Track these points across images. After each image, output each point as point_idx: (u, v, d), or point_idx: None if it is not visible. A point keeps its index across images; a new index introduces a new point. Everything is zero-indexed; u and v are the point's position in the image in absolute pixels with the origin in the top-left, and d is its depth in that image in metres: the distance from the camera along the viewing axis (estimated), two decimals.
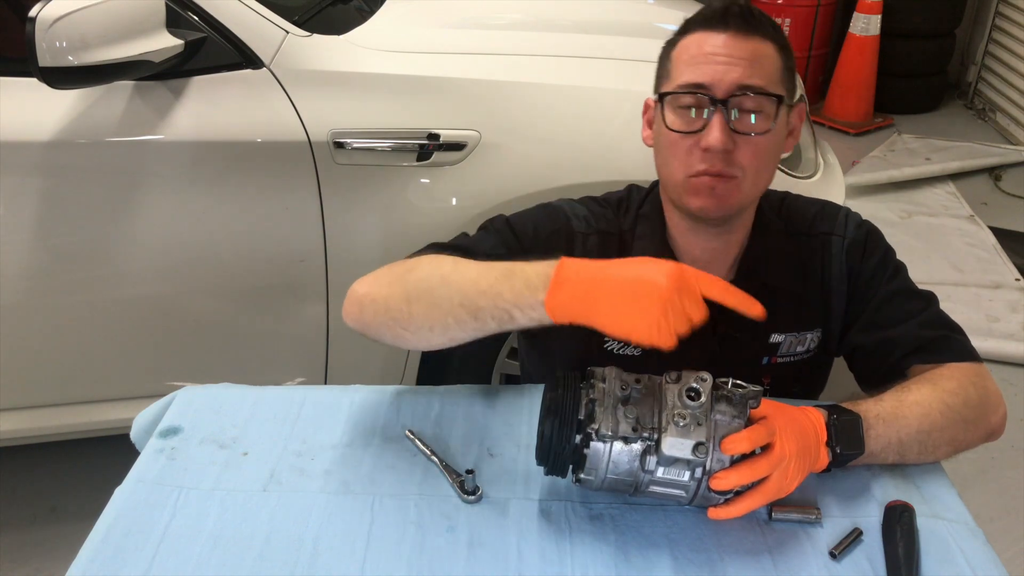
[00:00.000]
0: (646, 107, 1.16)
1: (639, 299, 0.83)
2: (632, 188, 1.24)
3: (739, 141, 1.03)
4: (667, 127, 1.06)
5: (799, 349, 1.19)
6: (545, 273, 0.87)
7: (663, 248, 1.16)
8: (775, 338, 1.17)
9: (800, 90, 2.19)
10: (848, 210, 1.22)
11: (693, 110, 1.04)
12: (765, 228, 1.17)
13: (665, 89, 1.08)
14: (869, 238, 1.18)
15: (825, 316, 1.19)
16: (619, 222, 1.19)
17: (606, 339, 1.17)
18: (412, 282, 0.97)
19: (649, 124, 1.16)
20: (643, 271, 0.84)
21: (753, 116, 1.04)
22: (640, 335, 0.83)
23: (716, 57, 1.03)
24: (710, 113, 1.03)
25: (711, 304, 1.13)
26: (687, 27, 1.09)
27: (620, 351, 1.17)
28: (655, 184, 1.19)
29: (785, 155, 1.97)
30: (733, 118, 1.03)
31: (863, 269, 1.17)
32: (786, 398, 0.98)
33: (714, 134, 1.02)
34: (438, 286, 0.94)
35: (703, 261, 1.15)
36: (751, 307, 0.88)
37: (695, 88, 1.03)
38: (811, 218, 1.20)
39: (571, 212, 1.19)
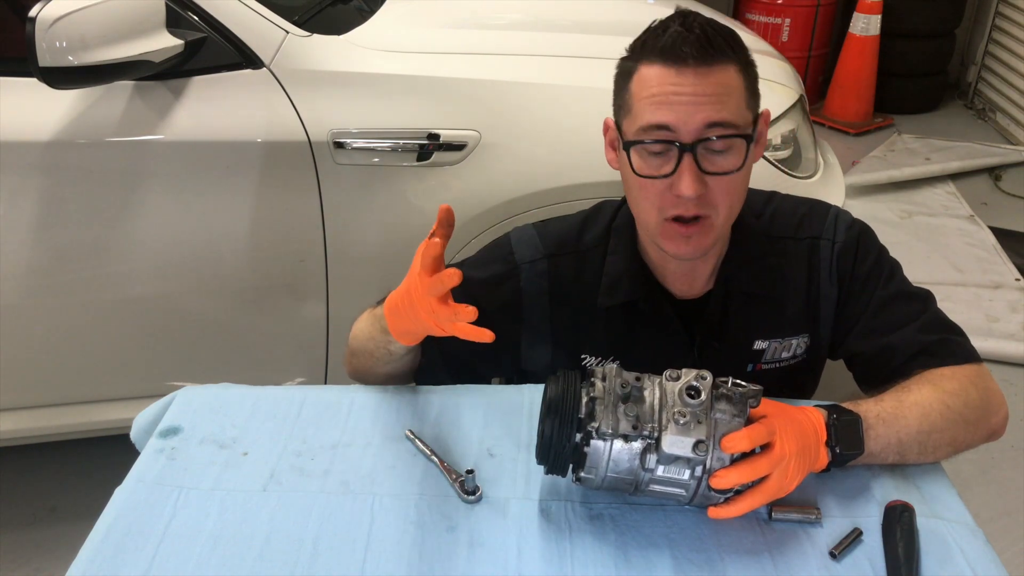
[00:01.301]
0: (606, 127, 1.10)
1: (406, 313, 0.99)
2: (604, 204, 1.22)
3: (711, 182, 0.99)
4: (635, 172, 1.01)
5: (784, 355, 1.18)
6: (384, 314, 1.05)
7: (635, 261, 1.14)
8: (759, 345, 1.16)
9: (800, 90, 2.20)
10: (838, 210, 1.19)
11: (660, 153, 1.00)
12: (744, 235, 1.14)
13: (627, 126, 1.03)
14: (861, 241, 1.15)
15: (813, 321, 1.17)
16: (579, 241, 1.17)
17: (583, 356, 1.18)
18: (349, 343, 1.19)
19: (612, 145, 1.10)
20: (399, 290, 1.01)
21: (724, 154, 0.99)
22: (423, 335, 1.02)
23: (679, 96, 0.97)
24: (679, 157, 0.98)
25: (689, 318, 1.14)
26: (642, 55, 1.01)
27: (599, 366, 1.16)
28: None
29: (783, 155, 2.00)
30: (703, 159, 0.98)
31: (856, 274, 1.14)
32: (781, 398, 0.98)
33: (686, 182, 0.97)
34: (352, 341, 1.17)
35: (680, 273, 1.13)
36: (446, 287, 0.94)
37: (660, 128, 0.98)
38: (797, 221, 1.17)
39: (516, 243, 1.18)
